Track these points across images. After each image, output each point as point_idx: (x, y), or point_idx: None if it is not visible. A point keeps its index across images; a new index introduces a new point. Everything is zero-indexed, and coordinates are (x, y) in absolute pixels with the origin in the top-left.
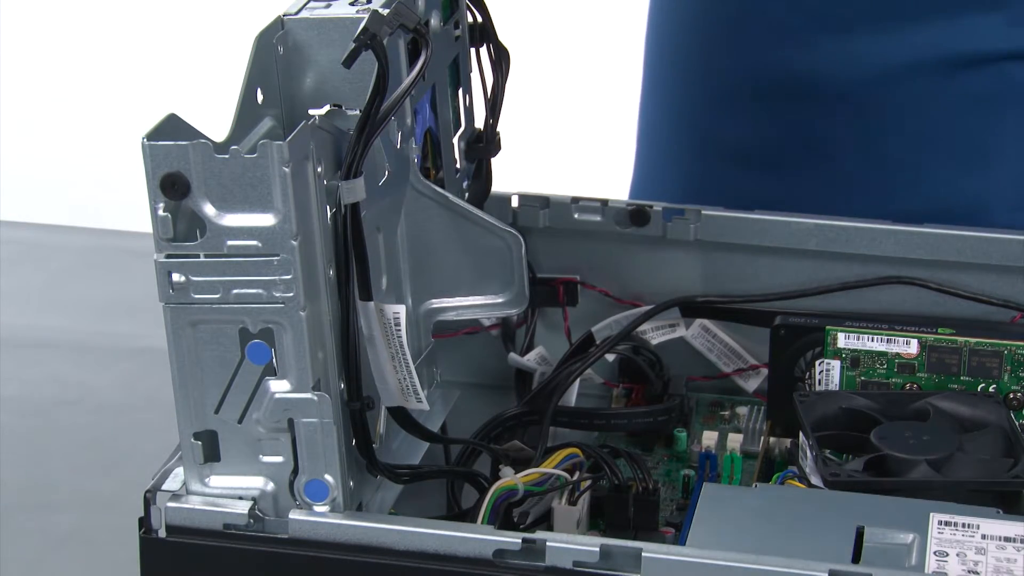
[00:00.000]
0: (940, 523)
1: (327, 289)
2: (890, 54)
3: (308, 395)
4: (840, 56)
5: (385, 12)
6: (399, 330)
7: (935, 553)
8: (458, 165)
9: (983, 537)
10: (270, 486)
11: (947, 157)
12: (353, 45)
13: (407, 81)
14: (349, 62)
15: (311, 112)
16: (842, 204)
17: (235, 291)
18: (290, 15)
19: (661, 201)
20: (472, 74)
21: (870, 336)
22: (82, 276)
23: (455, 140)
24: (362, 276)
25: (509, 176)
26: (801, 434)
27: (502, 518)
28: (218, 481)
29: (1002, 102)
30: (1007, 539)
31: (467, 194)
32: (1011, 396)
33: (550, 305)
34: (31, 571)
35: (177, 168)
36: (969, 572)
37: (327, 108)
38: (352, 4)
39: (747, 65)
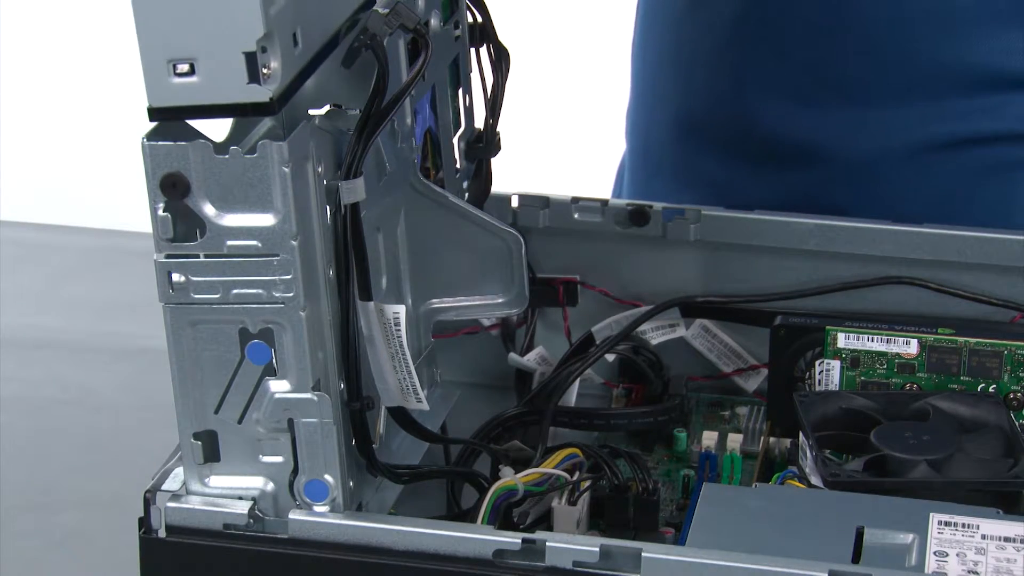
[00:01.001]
0: (940, 523)
1: (327, 289)
2: (907, 128)
3: (308, 395)
4: (854, 127)
5: (385, 12)
6: (399, 330)
7: (935, 553)
8: (458, 165)
9: (983, 537)
10: (270, 486)
11: (962, 222)
12: (353, 45)
13: (407, 81)
14: (349, 62)
15: (311, 112)
16: None
17: (235, 291)
18: None
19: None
20: (472, 74)
21: (870, 336)
22: (82, 276)
23: (455, 140)
24: (362, 276)
25: (509, 176)
26: (801, 434)
27: (502, 518)
28: (218, 481)
29: (1020, 168)
30: (1007, 539)
31: (467, 194)
32: (1011, 396)
33: (550, 305)
34: (31, 571)
35: (177, 168)
36: (969, 572)
37: (327, 108)
38: None
39: (755, 126)
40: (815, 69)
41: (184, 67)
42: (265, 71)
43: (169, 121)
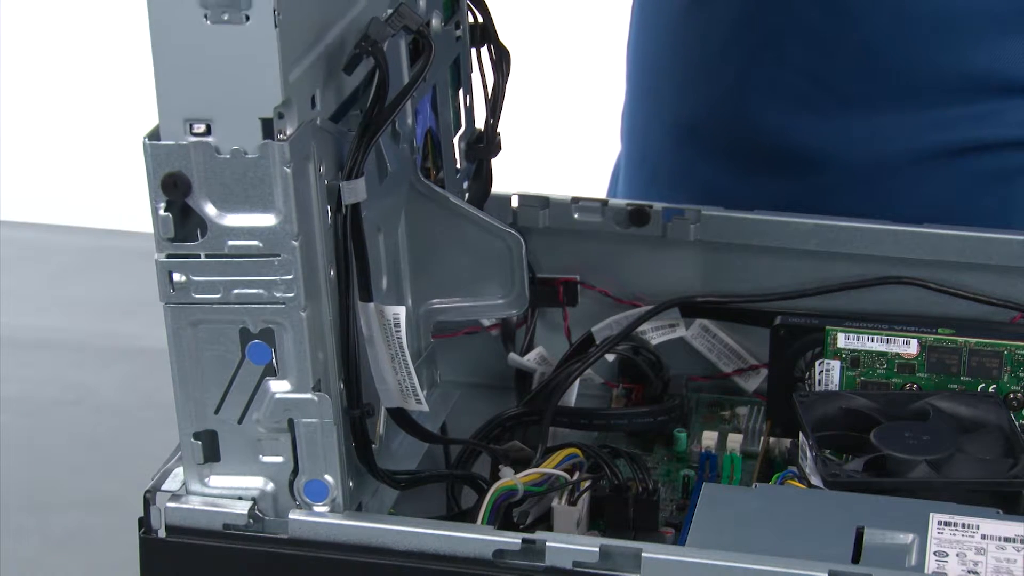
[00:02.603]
0: (940, 523)
1: (328, 289)
2: (907, 135)
3: (308, 395)
4: (854, 133)
5: (386, 16)
6: (399, 331)
7: (935, 553)
8: (458, 165)
9: (983, 537)
10: (270, 486)
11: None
12: (355, 51)
13: (408, 83)
14: (350, 68)
15: None
16: None
17: (236, 291)
18: None
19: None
20: (473, 74)
21: (870, 336)
22: (82, 276)
23: (455, 140)
24: (362, 277)
25: (509, 176)
26: (801, 434)
27: (502, 518)
28: (218, 481)
29: (1021, 175)
30: (1007, 539)
31: (467, 194)
32: (1011, 396)
33: (550, 305)
34: (31, 571)
35: (178, 168)
36: (969, 572)
37: None
38: None
39: (754, 132)
40: (815, 74)
41: (200, 127)
42: (280, 137)
43: None
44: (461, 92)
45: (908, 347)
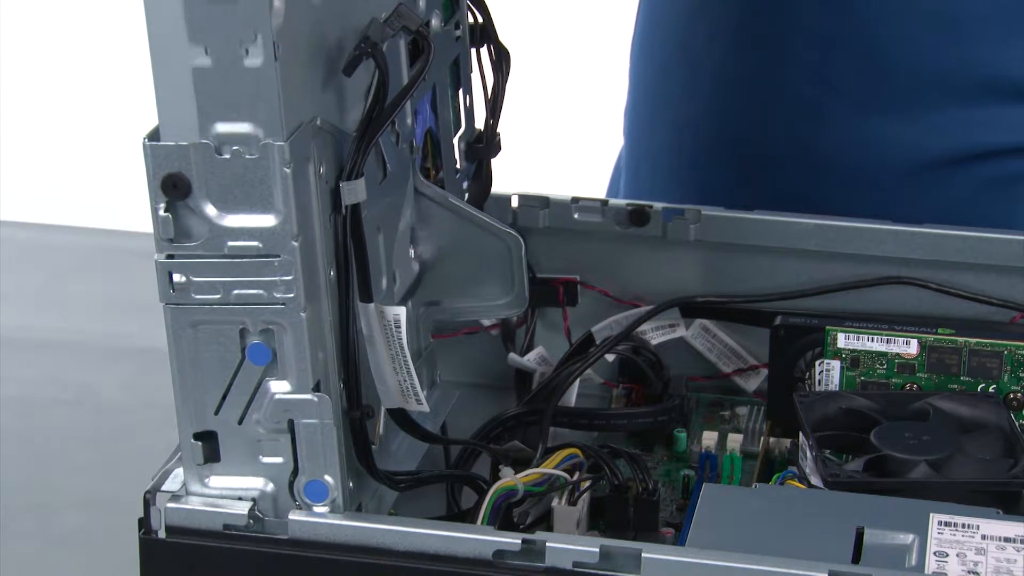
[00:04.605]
0: (940, 523)
1: (328, 290)
2: (912, 139)
3: (308, 396)
4: (856, 137)
5: (386, 18)
6: (399, 332)
7: (935, 553)
8: (458, 165)
9: (983, 537)
10: (270, 487)
11: None
12: (354, 53)
13: (408, 84)
14: (350, 70)
15: None
16: None
17: (236, 292)
18: None
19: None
20: (472, 74)
21: (870, 336)
22: (82, 276)
23: (455, 140)
24: (362, 277)
25: (509, 176)
26: (801, 434)
27: (502, 518)
28: (218, 482)
29: (1019, 183)
30: (1007, 539)
31: (467, 194)
32: (1011, 396)
33: (550, 305)
34: (31, 571)
35: (178, 168)
36: (969, 572)
37: None
38: None
39: (757, 134)
40: (818, 75)
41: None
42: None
43: None
44: (461, 92)
45: (908, 347)
